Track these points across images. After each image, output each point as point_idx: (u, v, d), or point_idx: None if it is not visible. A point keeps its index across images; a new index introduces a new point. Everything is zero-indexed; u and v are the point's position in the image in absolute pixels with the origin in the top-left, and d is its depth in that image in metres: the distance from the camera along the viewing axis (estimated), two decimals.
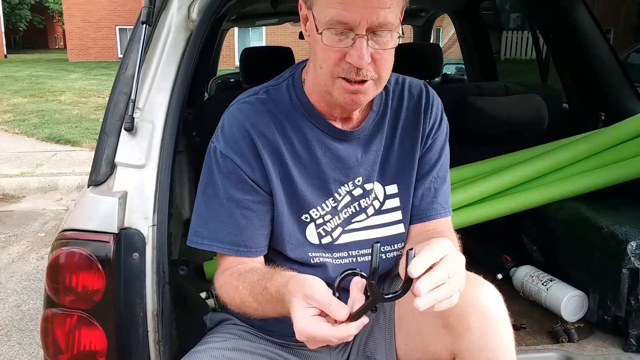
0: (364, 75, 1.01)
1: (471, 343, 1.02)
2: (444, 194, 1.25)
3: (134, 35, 1.33)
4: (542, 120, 2.31)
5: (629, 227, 1.66)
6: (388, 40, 1.00)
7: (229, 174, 1.13)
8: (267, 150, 1.13)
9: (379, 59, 1.01)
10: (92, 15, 25.42)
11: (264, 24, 4.70)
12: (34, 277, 3.57)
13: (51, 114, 9.73)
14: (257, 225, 1.15)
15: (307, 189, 1.16)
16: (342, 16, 0.97)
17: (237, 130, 1.13)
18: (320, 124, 1.15)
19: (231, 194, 1.13)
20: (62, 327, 1.20)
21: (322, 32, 1.00)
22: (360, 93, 1.04)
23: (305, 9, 1.06)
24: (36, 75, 16.38)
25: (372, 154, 1.19)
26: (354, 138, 1.17)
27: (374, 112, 1.19)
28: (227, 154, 1.12)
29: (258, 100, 1.16)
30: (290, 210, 1.17)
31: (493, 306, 1.03)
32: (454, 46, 6.27)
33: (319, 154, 1.16)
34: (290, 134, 1.15)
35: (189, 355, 1.19)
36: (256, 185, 1.14)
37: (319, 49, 1.03)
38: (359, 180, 1.19)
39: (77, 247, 1.19)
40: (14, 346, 2.77)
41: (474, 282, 1.04)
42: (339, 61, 1.01)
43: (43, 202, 5.34)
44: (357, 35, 0.98)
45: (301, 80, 1.17)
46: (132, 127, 1.26)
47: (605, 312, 1.68)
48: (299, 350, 1.27)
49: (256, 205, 1.14)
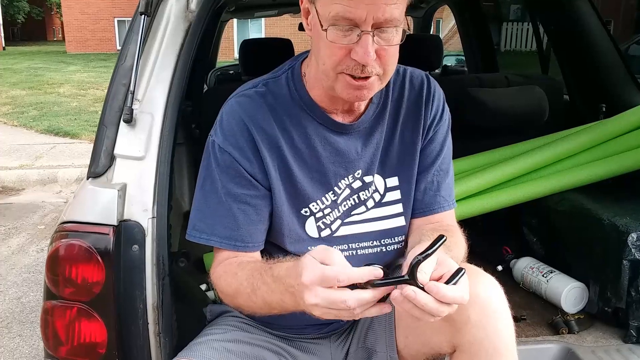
0: (369, 72, 1.00)
1: (471, 335, 1.02)
2: (447, 187, 1.24)
3: (133, 26, 1.32)
4: (543, 112, 2.30)
5: (630, 218, 1.66)
6: (393, 36, 0.99)
7: (227, 168, 1.12)
8: (266, 145, 1.12)
9: (384, 55, 1.00)
10: (91, 7, 25.32)
11: (263, 15, 4.68)
12: (34, 269, 3.57)
13: (50, 106, 9.71)
14: (255, 220, 1.14)
15: (307, 182, 1.15)
16: (347, 12, 0.95)
17: (235, 124, 1.12)
18: (319, 118, 1.14)
19: (229, 188, 1.12)
20: (62, 319, 1.20)
21: (326, 29, 0.98)
22: (365, 89, 1.03)
23: (307, 2, 1.05)
24: (35, 68, 16.33)
25: (372, 147, 1.18)
26: (354, 131, 1.16)
27: (374, 104, 1.17)
28: (225, 148, 1.11)
29: (257, 94, 1.15)
30: (290, 204, 1.16)
31: (493, 298, 1.02)
32: (454, 38, 6.24)
33: (318, 148, 1.15)
34: (289, 128, 1.14)
35: (189, 347, 1.19)
36: (254, 180, 1.13)
37: (322, 45, 1.01)
38: (359, 172, 1.18)
39: (77, 239, 1.19)
40: (14, 338, 2.78)
41: (474, 275, 1.03)
42: (343, 58, 0.99)
43: (42, 194, 5.33)
44: (362, 31, 0.96)
45: (301, 73, 1.16)
46: (131, 119, 1.25)
47: (605, 304, 1.68)
48: (299, 342, 1.27)
49: (254, 200, 1.13)
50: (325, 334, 1.28)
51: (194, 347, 1.19)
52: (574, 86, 2.52)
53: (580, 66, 2.45)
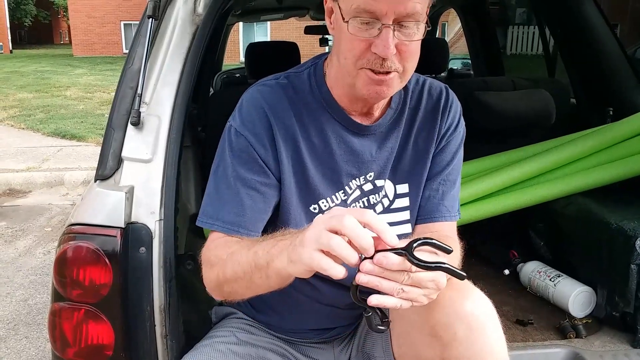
0: (389, 67, 1.00)
1: (459, 352, 1.01)
2: (451, 198, 1.23)
3: (140, 29, 1.33)
4: (549, 116, 2.29)
5: (637, 222, 1.65)
6: (414, 32, 0.99)
7: (240, 151, 1.11)
8: (283, 135, 1.12)
9: (404, 50, 1.00)
10: (97, 11, 25.47)
11: (269, 18, 4.69)
12: (41, 271, 3.58)
13: (57, 109, 9.76)
14: (261, 209, 1.13)
15: (319, 179, 1.15)
16: (369, 5, 0.96)
17: (254, 110, 1.12)
18: (337, 116, 1.14)
19: (240, 172, 1.11)
20: (70, 320, 1.20)
21: (348, 21, 0.98)
22: (384, 84, 1.02)
23: (331, 0, 1.05)
24: (41, 71, 16.43)
25: (386, 151, 1.18)
26: (370, 133, 1.16)
27: (392, 109, 1.17)
28: (242, 132, 1.11)
29: (278, 85, 1.15)
30: (300, 199, 1.15)
31: (479, 314, 1.01)
32: (460, 41, 6.24)
33: (333, 145, 1.14)
34: (307, 122, 1.13)
35: (195, 349, 1.20)
36: (266, 167, 1.12)
37: (344, 39, 1.01)
38: (371, 175, 1.18)
39: (85, 241, 1.19)
40: (21, 340, 2.79)
41: (461, 290, 1.02)
42: (364, 51, 1.00)
43: (49, 196, 5.36)
44: (383, 25, 0.97)
45: (323, 72, 1.16)
46: (138, 122, 1.26)
47: (613, 308, 1.67)
48: (302, 346, 1.27)
49: (263, 187, 1.12)
50: (327, 339, 1.29)
51: (199, 349, 1.20)
52: (580, 90, 2.51)
53: (587, 70, 2.44)
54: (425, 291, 0.86)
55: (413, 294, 0.85)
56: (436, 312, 1.01)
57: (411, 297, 0.85)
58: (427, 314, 1.03)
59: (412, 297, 0.85)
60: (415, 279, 0.84)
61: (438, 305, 1.00)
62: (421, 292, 0.86)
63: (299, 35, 4.90)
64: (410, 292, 0.85)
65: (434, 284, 0.86)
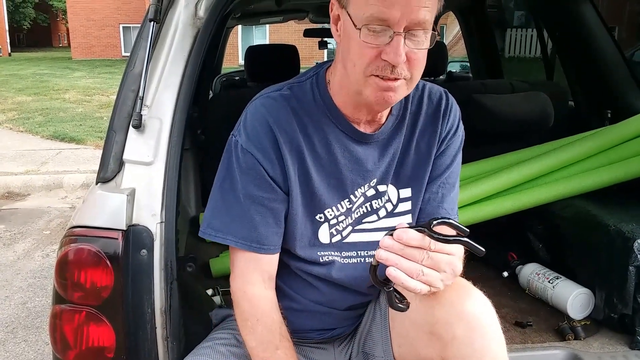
0: (398, 74, 1.01)
1: (459, 352, 1.01)
2: (450, 201, 1.24)
3: (142, 32, 1.34)
4: (548, 118, 2.30)
5: (636, 224, 1.65)
6: (423, 40, 1.00)
7: (248, 169, 1.12)
8: (288, 147, 1.12)
9: (414, 58, 1.01)
10: (96, 14, 25.48)
11: (268, 21, 4.70)
12: (40, 274, 3.57)
13: (55, 112, 9.76)
14: (272, 223, 1.14)
15: (324, 188, 1.16)
16: (382, 13, 0.96)
17: (259, 125, 1.12)
18: (341, 125, 1.15)
19: (249, 190, 1.12)
20: (71, 323, 1.20)
21: (360, 28, 0.99)
22: (392, 90, 1.03)
23: (339, 8, 1.06)
24: (40, 74, 16.43)
25: (388, 157, 1.18)
26: (373, 141, 1.17)
27: (393, 116, 1.18)
28: (248, 149, 1.11)
29: (281, 97, 1.15)
30: (305, 209, 1.16)
31: (479, 314, 1.02)
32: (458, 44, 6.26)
33: (337, 155, 1.15)
34: (311, 133, 1.14)
35: (196, 351, 1.20)
36: (274, 184, 1.13)
37: (354, 46, 1.02)
38: (374, 181, 1.19)
39: (86, 244, 1.19)
40: (19, 343, 2.79)
41: (461, 290, 1.03)
42: (374, 59, 1.00)
43: (48, 200, 5.35)
44: (395, 32, 0.97)
45: (325, 81, 1.16)
46: (140, 124, 1.26)
47: (611, 310, 1.68)
48: (302, 346, 1.28)
49: (272, 203, 1.13)
50: (327, 339, 1.29)
51: (200, 351, 1.20)
52: (579, 92, 2.52)
53: (585, 72, 2.46)
54: (443, 275, 0.90)
55: (431, 277, 0.89)
56: (436, 311, 1.02)
57: (430, 280, 0.89)
58: (427, 314, 1.04)
59: (430, 280, 0.89)
60: (435, 259, 0.89)
61: (438, 305, 1.01)
62: (439, 276, 0.90)
63: (298, 38, 4.91)
64: (428, 275, 0.89)
65: (451, 268, 0.90)
